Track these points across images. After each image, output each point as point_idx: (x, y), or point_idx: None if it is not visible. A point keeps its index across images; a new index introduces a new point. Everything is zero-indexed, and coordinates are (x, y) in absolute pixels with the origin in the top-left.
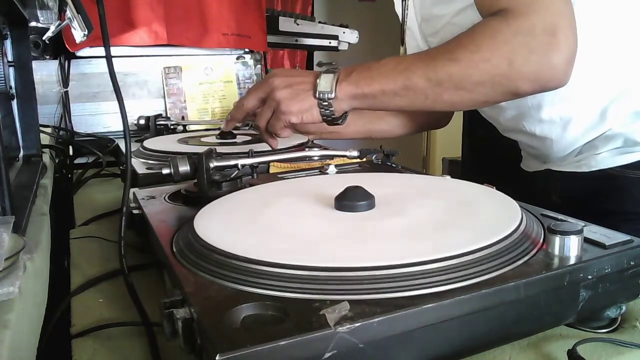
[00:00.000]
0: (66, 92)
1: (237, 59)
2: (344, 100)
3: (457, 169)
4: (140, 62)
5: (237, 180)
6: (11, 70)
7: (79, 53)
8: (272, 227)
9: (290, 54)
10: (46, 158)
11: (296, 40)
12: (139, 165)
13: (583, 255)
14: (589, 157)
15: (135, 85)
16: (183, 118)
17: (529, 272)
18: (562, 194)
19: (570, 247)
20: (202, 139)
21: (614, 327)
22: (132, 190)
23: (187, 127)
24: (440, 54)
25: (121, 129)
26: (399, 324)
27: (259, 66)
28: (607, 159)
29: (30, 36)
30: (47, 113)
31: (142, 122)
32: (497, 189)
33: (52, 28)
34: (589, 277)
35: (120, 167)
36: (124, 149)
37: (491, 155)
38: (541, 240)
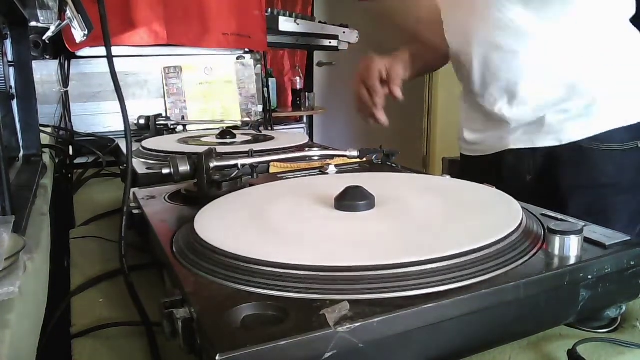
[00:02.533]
0: (66, 92)
1: (237, 59)
2: None
3: (457, 169)
4: (140, 62)
5: (237, 180)
6: (11, 70)
7: (79, 53)
8: (272, 227)
9: (290, 54)
10: (46, 158)
11: (296, 40)
12: (139, 165)
13: (583, 255)
14: (556, 127)
15: (136, 85)
16: (183, 118)
17: (529, 272)
18: (536, 174)
19: (570, 247)
20: (202, 139)
21: (614, 327)
22: (132, 190)
23: (187, 127)
24: None
25: (121, 128)
26: (399, 324)
27: (259, 66)
28: (575, 130)
29: (30, 36)
30: (47, 113)
31: (142, 122)
32: (497, 188)
33: (52, 28)
34: (589, 277)
35: (121, 167)
36: (124, 149)
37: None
38: (541, 240)
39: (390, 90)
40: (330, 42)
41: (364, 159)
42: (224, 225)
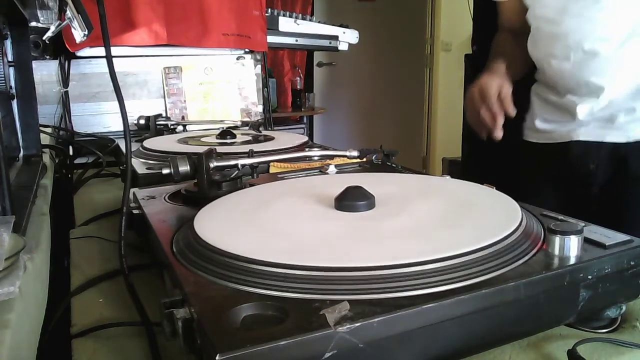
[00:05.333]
0: (66, 92)
1: (237, 59)
2: None
3: (457, 169)
4: (140, 62)
5: (237, 180)
6: (11, 70)
7: (79, 53)
8: (272, 227)
9: (290, 54)
10: (46, 158)
11: (296, 40)
12: (139, 165)
13: (583, 255)
14: (625, 125)
15: (135, 85)
16: (183, 118)
17: (529, 272)
18: (601, 164)
19: (570, 247)
20: (202, 139)
21: (614, 327)
22: (132, 190)
23: (187, 127)
24: None
25: (121, 129)
26: (399, 324)
27: (259, 66)
28: None
29: (30, 36)
30: (47, 113)
31: (142, 122)
32: (496, 188)
33: (52, 28)
34: (589, 277)
35: (120, 167)
36: (124, 149)
37: (491, 155)
38: (541, 240)
39: (506, 109)
40: (330, 42)
41: (364, 159)
42: (224, 225)
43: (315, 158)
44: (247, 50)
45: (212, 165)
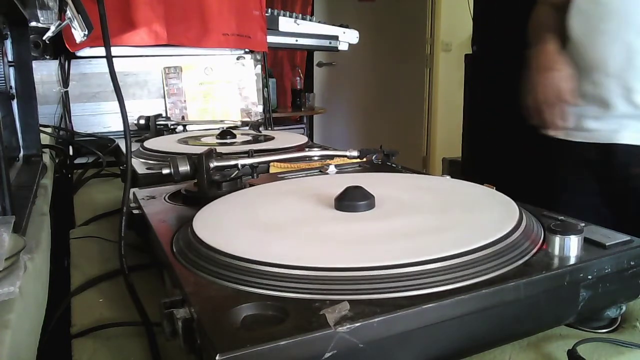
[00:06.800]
0: (66, 92)
1: (237, 59)
2: None
3: (457, 169)
4: (140, 62)
5: (237, 180)
6: (11, 70)
7: (79, 53)
8: (272, 227)
9: (290, 54)
10: (46, 158)
11: (296, 40)
12: (139, 165)
13: (583, 255)
14: None
15: (135, 85)
16: (183, 118)
17: (529, 272)
18: None
19: (570, 247)
20: (202, 139)
21: (614, 327)
22: (132, 190)
23: (187, 127)
24: None
25: (121, 129)
26: (399, 324)
27: (259, 66)
28: None
29: (30, 36)
30: (47, 113)
31: (142, 122)
32: (496, 188)
33: (52, 28)
34: (589, 277)
35: (121, 167)
36: (124, 149)
37: (491, 155)
38: (541, 240)
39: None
40: (330, 42)
41: (364, 159)
42: (224, 225)
43: (315, 158)
44: (247, 50)
45: (212, 165)
